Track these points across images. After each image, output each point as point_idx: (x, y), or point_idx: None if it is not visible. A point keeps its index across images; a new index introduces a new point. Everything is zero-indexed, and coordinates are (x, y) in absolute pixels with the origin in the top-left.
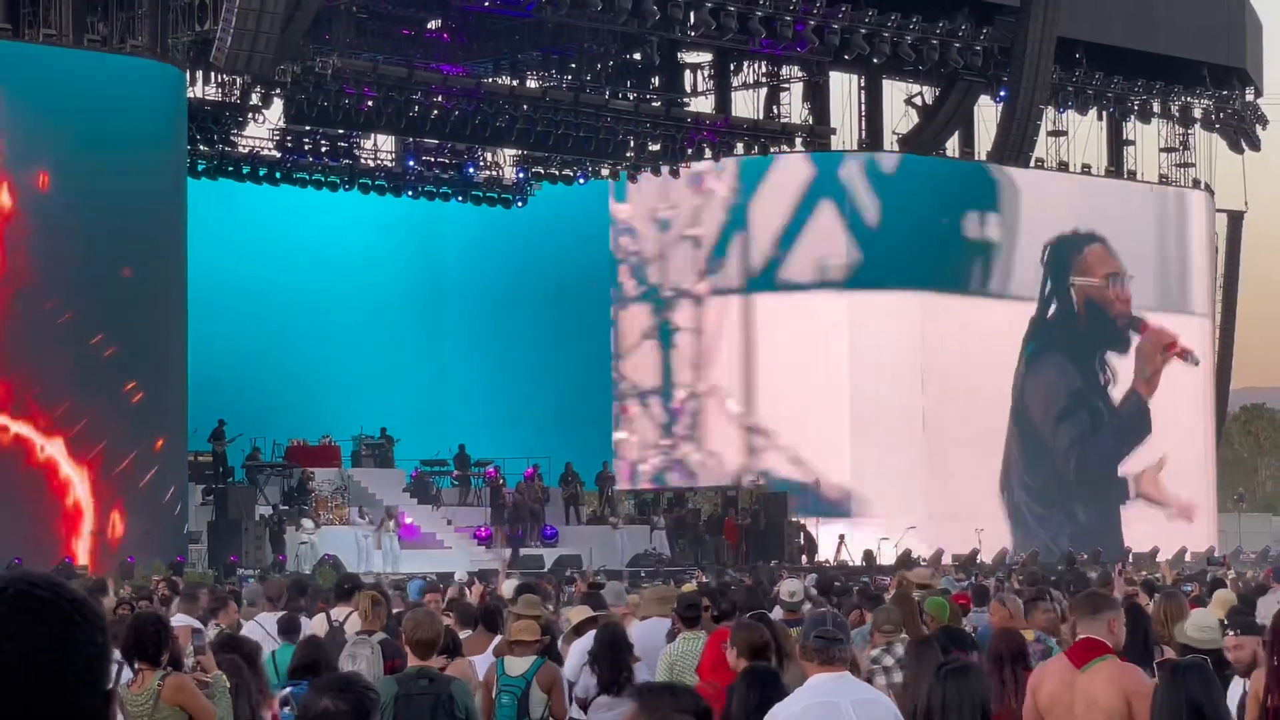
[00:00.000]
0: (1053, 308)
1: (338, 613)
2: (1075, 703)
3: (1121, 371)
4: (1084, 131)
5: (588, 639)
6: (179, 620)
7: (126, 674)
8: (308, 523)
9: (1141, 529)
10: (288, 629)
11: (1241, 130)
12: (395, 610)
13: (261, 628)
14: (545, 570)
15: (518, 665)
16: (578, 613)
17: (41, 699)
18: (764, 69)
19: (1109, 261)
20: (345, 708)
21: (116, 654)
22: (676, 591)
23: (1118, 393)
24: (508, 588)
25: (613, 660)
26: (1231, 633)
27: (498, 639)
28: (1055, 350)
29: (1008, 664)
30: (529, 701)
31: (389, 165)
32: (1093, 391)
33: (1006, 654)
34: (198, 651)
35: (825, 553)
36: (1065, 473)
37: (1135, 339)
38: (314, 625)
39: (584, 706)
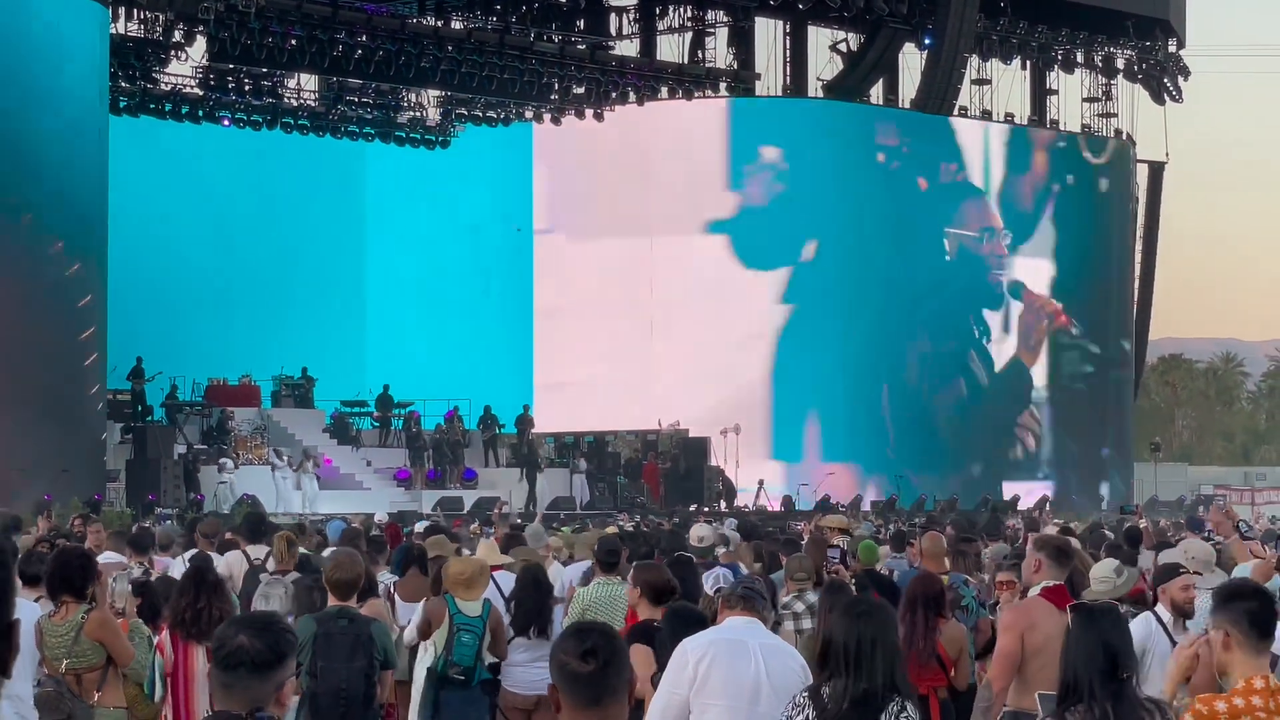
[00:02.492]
0: (921, 258)
1: (255, 551)
2: None
3: (995, 327)
4: (1008, 80)
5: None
6: (106, 558)
7: (48, 606)
8: (227, 462)
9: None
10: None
11: (1164, 81)
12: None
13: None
14: (464, 511)
15: (472, 606)
16: (486, 551)
17: None
18: (689, 13)
19: (985, 216)
20: (261, 646)
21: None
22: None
23: (996, 350)
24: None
25: (534, 602)
26: (1183, 573)
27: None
28: (926, 303)
29: (921, 607)
30: (483, 642)
31: (312, 105)
32: (967, 350)
33: (922, 597)
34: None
35: (745, 497)
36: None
37: (1017, 306)
38: (229, 563)
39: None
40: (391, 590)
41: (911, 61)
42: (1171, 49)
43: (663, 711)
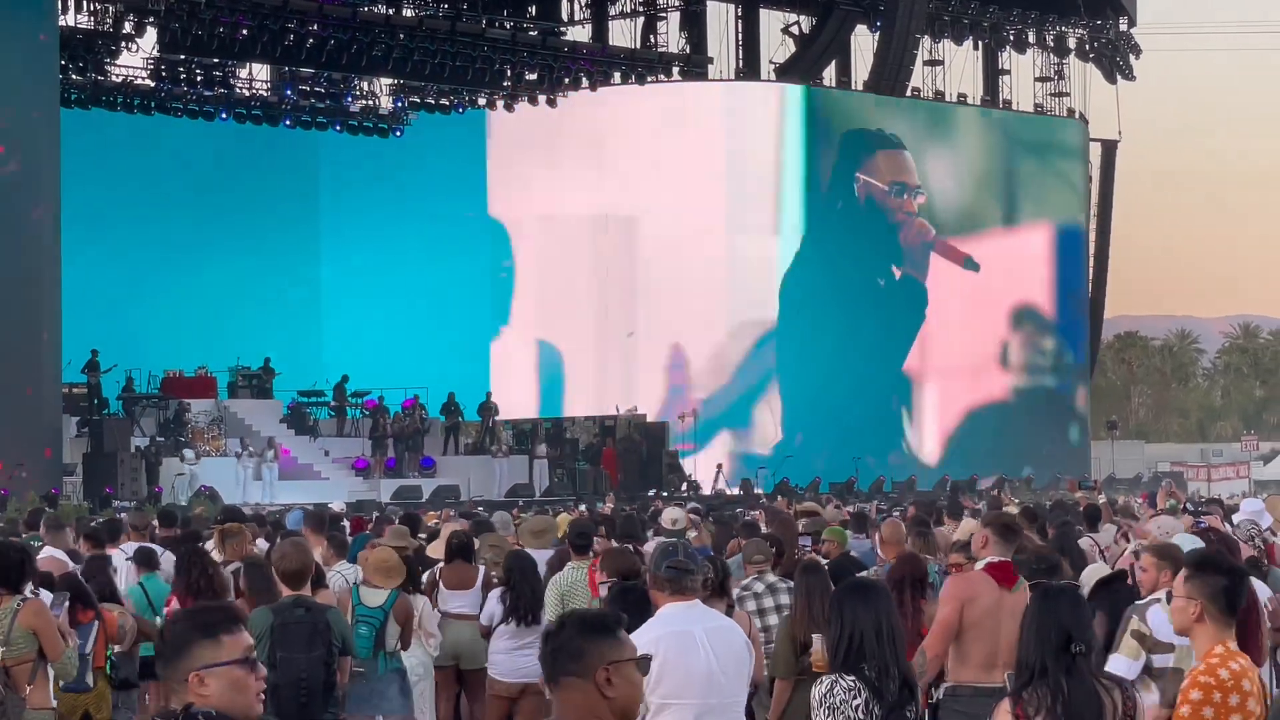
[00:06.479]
0: (839, 202)
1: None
2: (1003, 619)
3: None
4: (960, 61)
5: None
6: (47, 553)
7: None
8: (189, 453)
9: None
10: (146, 560)
11: (1115, 60)
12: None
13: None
14: (423, 500)
15: (375, 596)
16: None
17: None
18: None
19: (900, 171)
20: None
21: None
22: (553, 523)
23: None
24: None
25: (531, 590)
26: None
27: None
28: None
29: (909, 588)
30: (385, 633)
31: (265, 94)
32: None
33: (909, 578)
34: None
35: (703, 482)
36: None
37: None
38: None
39: (486, 635)
40: (436, 576)
41: (863, 43)
42: (1123, 27)
43: None
